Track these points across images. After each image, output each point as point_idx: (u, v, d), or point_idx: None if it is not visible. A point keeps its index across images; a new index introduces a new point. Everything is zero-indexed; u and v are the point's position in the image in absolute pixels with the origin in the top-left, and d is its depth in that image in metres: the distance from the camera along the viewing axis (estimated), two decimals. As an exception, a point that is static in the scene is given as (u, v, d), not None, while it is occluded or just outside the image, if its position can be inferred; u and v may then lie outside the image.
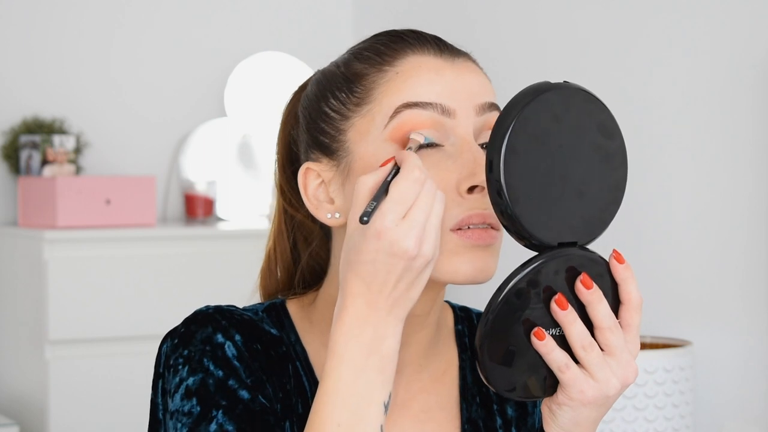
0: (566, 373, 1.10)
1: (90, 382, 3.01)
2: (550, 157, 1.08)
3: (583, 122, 1.10)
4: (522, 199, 1.07)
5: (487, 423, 1.28)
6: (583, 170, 1.10)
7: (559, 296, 1.09)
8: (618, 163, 1.12)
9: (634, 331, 1.12)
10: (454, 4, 3.39)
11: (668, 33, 2.75)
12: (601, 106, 1.11)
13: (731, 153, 2.61)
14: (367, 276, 1.08)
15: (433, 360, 1.28)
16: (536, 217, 1.08)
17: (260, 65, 3.52)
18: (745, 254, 2.59)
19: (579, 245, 1.11)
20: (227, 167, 3.50)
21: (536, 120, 1.07)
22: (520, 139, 1.07)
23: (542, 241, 1.09)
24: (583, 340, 1.09)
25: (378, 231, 1.06)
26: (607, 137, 1.12)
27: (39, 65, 3.38)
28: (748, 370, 2.58)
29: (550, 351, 1.09)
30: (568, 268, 1.10)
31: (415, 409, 1.26)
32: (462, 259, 1.15)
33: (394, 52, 1.20)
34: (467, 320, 1.33)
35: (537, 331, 1.10)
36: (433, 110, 1.16)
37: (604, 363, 1.10)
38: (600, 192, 1.11)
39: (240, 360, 1.18)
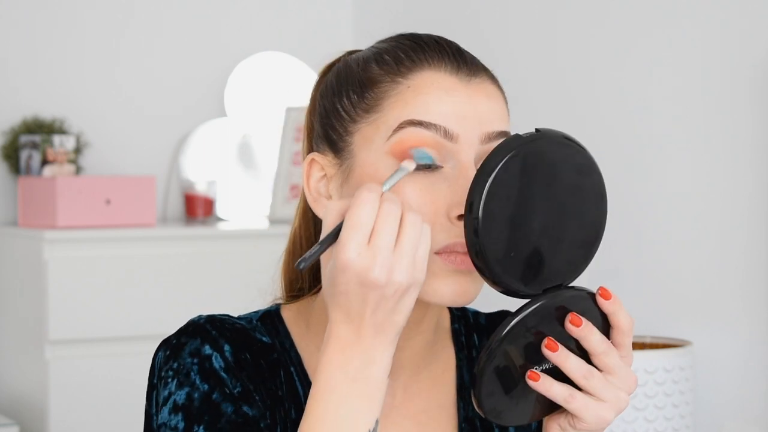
0: (573, 402, 1.13)
1: (90, 382, 3.01)
2: (527, 211, 1.10)
3: (558, 168, 1.12)
4: (502, 257, 1.09)
5: (484, 422, 1.29)
6: (561, 214, 1.12)
7: (548, 341, 1.13)
8: (596, 198, 1.15)
9: (627, 348, 1.16)
10: (454, 5, 3.39)
11: (667, 33, 2.75)
12: (575, 147, 1.13)
13: (731, 153, 2.61)
14: (344, 306, 1.08)
15: (431, 362, 1.28)
16: (518, 271, 1.11)
17: (260, 65, 3.52)
18: (745, 254, 2.58)
19: (564, 286, 1.15)
20: (227, 167, 3.50)
21: (508, 181, 1.09)
22: (494, 202, 1.08)
23: (527, 292, 1.12)
24: (582, 371, 1.13)
25: (342, 264, 1.06)
26: (584, 175, 1.14)
27: (39, 65, 3.38)
28: (748, 370, 2.58)
29: (549, 387, 1.13)
30: (557, 308, 1.13)
31: (414, 410, 1.26)
32: (444, 282, 1.16)
33: (411, 63, 1.20)
34: (463, 319, 1.34)
35: (531, 374, 1.13)
36: (436, 132, 1.16)
37: (607, 384, 1.14)
38: (580, 231, 1.14)
39: (227, 371, 1.18)
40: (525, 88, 3.14)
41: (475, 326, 1.34)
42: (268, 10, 3.66)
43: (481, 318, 1.35)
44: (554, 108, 3.05)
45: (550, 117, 3.04)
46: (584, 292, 1.15)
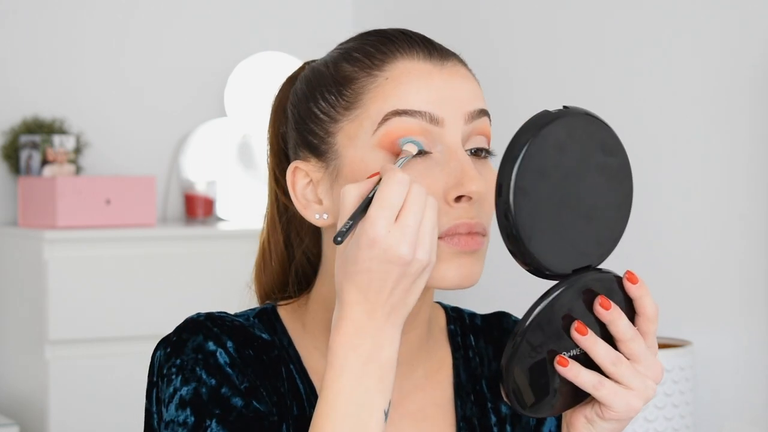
0: (602, 390, 1.12)
1: (90, 382, 3.01)
2: (558, 187, 1.09)
3: (586, 145, 1.11)
4: (535, 236, 1.08)
5: (481, 421, 1.29)
6: (590, 194, 1.12)
7: (578, 324, 1.11)
8: (622, 178, 1.14)
9: (652, 336, 1.15)
10: (455, 4, 3.39)
11: (667, 33, 2.75)
12: (601, 125, 1.12)
13: (731, 153, 2.61)
14: (363, 285, 1.08)
15: (426, 359, 1.28)
16: (550, 250, 1.10)
17: (260, 65, 3.52)
18: (744, 254, 2.59)
19: (593, 268, 1.13)
20: (227, 167, 3.50)
21: (540, 155, 1.08)
22: (526, 177, 1.07)
23: (557, 272, 1.11)
24: (611, 357, 1.12)
25: (371, 239, 1.07)
26: (610, 155, 1.13)
27: (39, 65, 3.38)
28: (748, 370, 2.58)
29: (577, 374, 1.12)
30: (584, 291, 1.12)
31: (411, 408, 1.26)
32: (448, 265, 1.17)
33: (383, 56, 1.20)
34: (459, 320, 1.34)
35: (560, 359, 1.12)
36: (422, 118, 1.17)
37: (635, 371, 1.13)
38: (608, 211, 1.14)
39: (232, 366, 1.18)
40: (525, 86, 3.14)
41: (470, 327, 1.34)
42: (268, 10, 3.66)
43: (476, 319, 1.35)
44: (552, 106, 3.05)
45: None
46: (611, 275, 1.14)
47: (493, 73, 3.20)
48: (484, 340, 1.33)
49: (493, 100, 3.24)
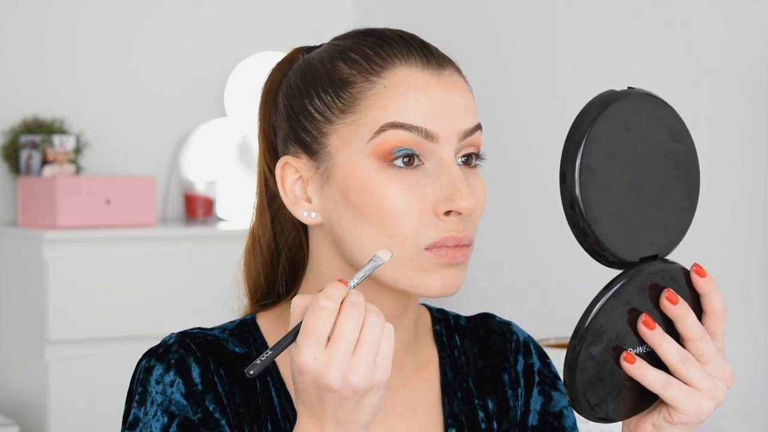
0: (670, 390, 1.08)
1: (90, 382, 3.01)
2: (625, 169, 1.05)
3: (653, 128, 1.06)
4: (601, 218, 1.04)
5: (469, 417, 1.29)
6: (658, 179, 1.07)
7: (646, 317, 1.07)
8: (690, 166, 1.09)
9: (721, 337, 1.11)
10: (455, 4, 3.39)
11: (665, 32, 2.75)
12: (668, 108, 1.08)
13: (731, 153, 2.61)
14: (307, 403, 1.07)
15: (412, 358, 1.29)
16: (616, 235, 1.04)
17: (260, 65, 3.52)
18: (744, 254, 2.59)
19: (660, 258, 1.08)
20: (227, 167, 3.50)
21: (608, 132, 1.04)
22: (593, 154, 1.03)
23: (624, 259, 1.06)
24: (679, 356, 1.08)
25: (299, 367, 1.05)
26: (678, 141, 1.08)
27: (39, 65, 3.38)
28: (748, 370, 2.58)
29: (644, 373, 1.08)
30: (651, 285, 1.07)
31: (399, 407, 1.26)
32: (434, 276, 1.16)
33: (382, 61, 1.19)
34: (444, 321, 1.34)
35: (627, 356, 1.07)
36: (418, 134, 1.16)
37: (704, 373, 1.09)
38: (676, 199, 1.08)
39: (189, 396, 1.19)
40: (525, 85, 3.14)
41: (456, 328, 1.34)
42: (268, 10, 3.66)
43: (461, 320, 1.35)
44: (553, 106, 3.05)
45: (549, 115, 3.04)
46: (678, 266, 1.08)
47: (493, 72, 3.20)
48: (470, 340, 1.33)
49: (493, 100, 3.26)
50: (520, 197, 3.15)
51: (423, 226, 1.16)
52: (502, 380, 1.32)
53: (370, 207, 1.16)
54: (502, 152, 3.17)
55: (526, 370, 1.34)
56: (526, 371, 1.34)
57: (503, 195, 3.16)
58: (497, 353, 1.33)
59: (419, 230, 1.15)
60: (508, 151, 3.15)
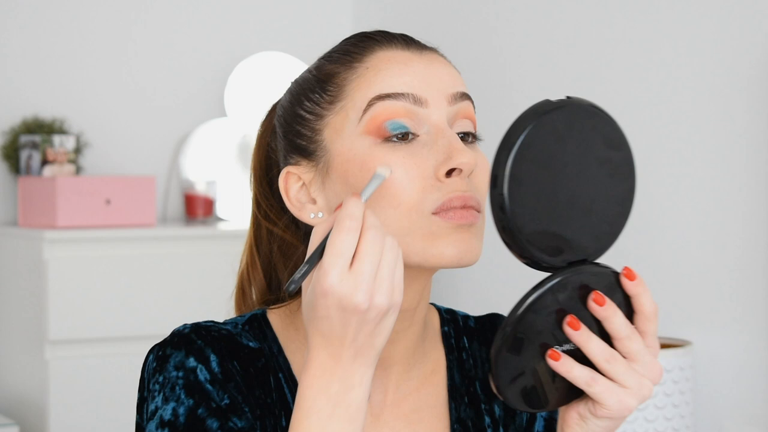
0: (595, 386, 1.10)
1: (90, 382, 3.01)
2: (556, 178, 1.07)
3: (587, 137, 1.09)
4: (529, 226, 1.06)
5: (475, 422, 1.29)
6: (590, 186, 1.09)
7: (571, 318, 1.09)
8: (626, 173, 1.12)
9: (652, 336, 1.13)
10: (455, 4, 3.39)
11: (664, 32, 2.75)
12: (605, 117, 1.10)
13: (731, 153, 2.61)
14: (325, 330, 1.07)
15: (421, 360, 1.28)
16: (543, 241, 1.07)
17: (260, 65, 3.52)
18: (744, 254, 2.59)
19: (589, 262, 1.11)
20: (227, 167, 3.50)
21: (539, 144, 1.06)
22: (522, 165, 1.05)
23: (552, 264, 1.09)
24: (604, 354, 1.10)
25: (324, 290, 1.05)
26: (614, 149, 1.11)
27: (39, 65, 3.38)
28: (748, 370, 2.58)
29: (570, 369, 1.10)
30: (580, 286, 1.09)
31: (406, 410, 1.26)
32: (446, 241, 1.16)
33: (362, 50, 1.21)
34: (453, 322, 1.34)
35: (552, 353, 1.10)
36: (406, 100, 1.17)
37: (630, 370, 1.11)
38: (608, 205, 1.11)
39: (213, 383, 1.18)
40: (525, 85, 3.14)
41: (464, 329, 1.34)
42: (268, 10, 3.66)
43: (470, 321, 1.35)
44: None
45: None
46: (609, 270, 1.11)
47: (493, 72, 3.20)
48: (478, 342, 1.33)
49: (492, 99, 3.25)
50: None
51: (426, 191, 1.16)
52: None
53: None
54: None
55: None
56: None
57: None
58: None
59: (423, 196, 1.16)
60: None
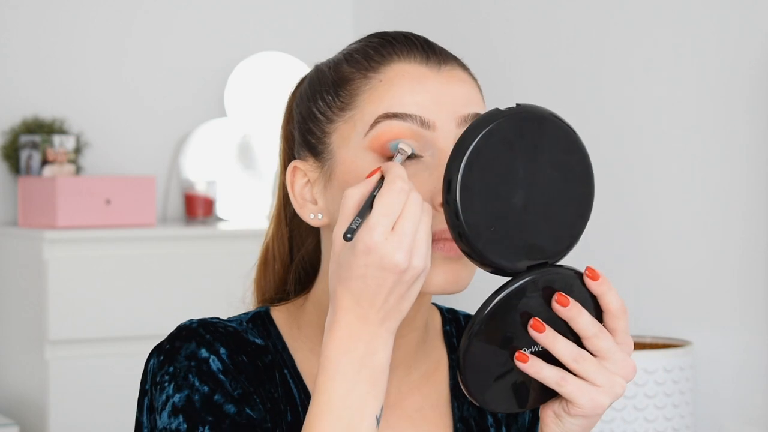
0: (566, 386, 1.11)
1: (90, 382, 3.01)
2: (509, 185, 1.08)
3: (539, 143, 1.09)
4: (483, 234, 1.07)
5: (478, 421, 1.29)
6: (544, 191, 1.10)
7: (534, 321, 1.10)
8: (582, 175, 1.12)
9: (622, 333, 1.13)
10: (455, 4, 3.39)
11: (664, 32, 2.75)
12: (557, 122, 1.11)
13: (731, 153, 2.61)
14: (357, 291, 1.08)
15: (423, 360, 1.28)
16: (501, 247, 1.08)
17: (260, 65, 3.52)
18: (744, 254, 2.59)
19: (549, 264, 1.11)
20: (227, 167, 3.50)
21: (488, 152, 1.07)
22: (473, 174, 1.06)
23: (511, 269, 1.10)
24: (572, 354, 1.10)
25: (368, 246, 1.06)
26: (568, 153, 1.11)
27: (39, 65, 3.38)
28: (748, 370, 2.58)
29: (539, 370, 1.10)
30: (543, 288, 1.10)
31: (408, 409, 1.26)
32: (435, 270, 1.16)
33: (381, 58, 1.20)
34: (455, 321, 1.34)
35: (519, 355, 1.10)
36: (413, 122, 1.16)
37: (601, 368, 1.11)
38: (565, 208, 1.11)
39: (225, 373, 1.18)
40: (525, 85, 3.14)
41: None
42: (268, 10, 3.66)
43: None
44: (553, 105, 3.05)
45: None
46: (571, 272, 1.12)
47: (493, 73, 3.20)
48: None
49: (492, 100, 3.24)
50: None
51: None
52: None
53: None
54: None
55: None
56: None
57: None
58: None
59: None
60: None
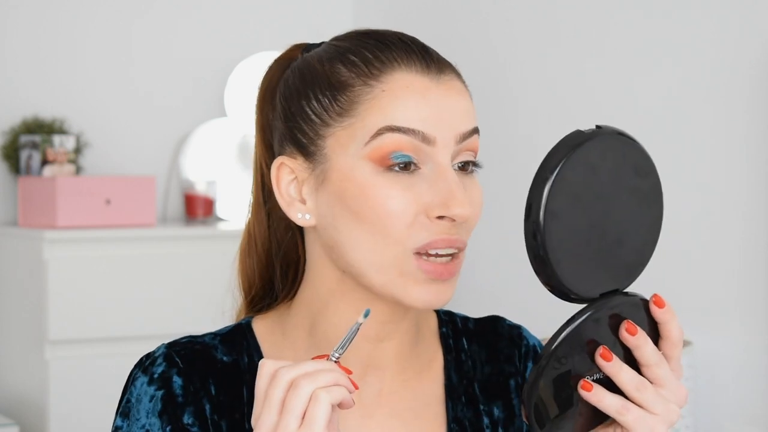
0: (627, 415, 1.11)
1: (90, 382, 3.01)
2: (588, 209, 1.08)
3: (618, 168, 1.09)
4: (564, 260, 1.07)
5: (473, 422, 1.29)
6: (621, 216, 1.10)
7: (603, 350, 1.11)
8: (653, 201, 1.12)
9: (676, 361, 1.15)
10: (454, 5, 3.39)
11: (664, 32, 2.75)
12: (634, 145, 1.11)
13: (730, 153, 2.61)
14: None
15: (415, 360, 1.28)
16: (578, 275, 1.08)
17: (260, 65, 3.52)
18: (744, 254, 2.59)
19: (620, 291, 1.12)
20: (227, 167, 3.50)
21: (573, 176, 1.06)
22: (558, 199, 1.06)
23: (584, 296, 1.10)
24: (635, 383, 1.11)
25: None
26: (642, 176, 1.11)
27: (39, 65, 3.38)
28: (748, 370, 2.58)
29: (601, 399, 1.11)
30: (611, 315, 1.11)
31: (400, 409, 1.26)
32: (419, 289, 1.16)
33: (381, 65, 1.19)
34: (451, 323, 1.33)
35: (584, 384, 1.11)
36: (415, 137, 1.16)
37: (659, 396, 1.12)
38: (638, 234, 1.12)
39: (162, 414, 1.21)
40: (524, 85, 3.14)
41: (463, 331, 1.33)
42: (268, 10, 3.66)
43: (469, 323, 1.35)
44: (553, 106, 3.05)
45: (549, 115, 3.04)
46: (637, 298, 1.13)
47: (492, 73, 3.20)
48: (477, 344, 1.33)
49: (492, 100, 3.25)
50: (519, 197, 3.15)
51: (415, 228, 1.15)
52: (508, 386, 1.32)
53: (366, 210, 1.16)
54: (505, 153, 3.17)
55: None
56: None
57: (503, 196, 3.16)
58: (505, 358, 1.33)
59: (411, 232, 1.15)
60: (507, 151, 3.15)
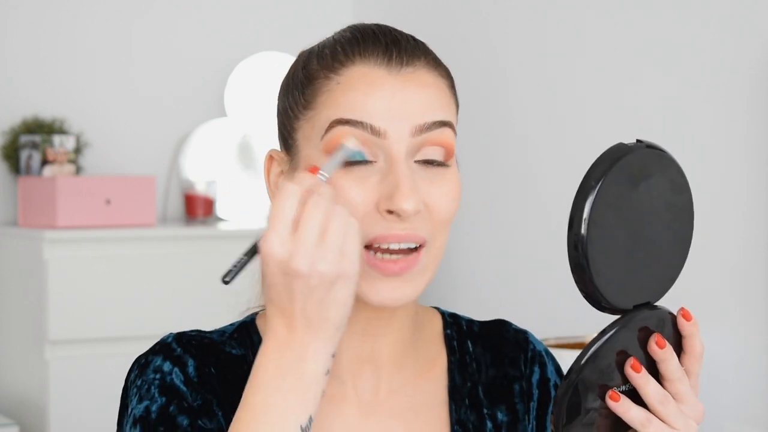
0: (649, 427, 1.13)
1: (90, 382, 3.01)
2: (628, 222, 1.10)
3: (657, 182, 1.11)
4: (602, 270, 1.09)
5: (477, 425, 1.28)
6: (656, 231, 1.12)
7: (634, 361, 1.12)
8: (686, 217, 1.15)
9: (696, 376, 1.16)
10: (453, 5, 3.39)
11: (664, 32, 2.75)
12: (671, 161, 1.12)
13: (729, 153, 2.61)
14: (275, 299, 1.08)
15: (414, 359, 1.27)
16: (614, 285, 1.10)
17: (260, 65, 3.52)
18: (744, 254, 2.59)
19: (651, 304, 1.14)
20: (227, 167, 3.50)
21: (615, 188, 1.08)
22: (600, 210, 1.08)
23: (618, 306, 1.12)
24: (659, 396, 1.13)
25: (265, 255, 1.06)
26: (678, 193, 1.13)
27: (39, 65, 3.38)
28: (747, 370, 2.58)
29: (627, 410, 1.12)
30: (641, 328, 1.13)
31: (401, 409, 1.25)
32: (374, 286, 1.16)
33: (345, 58, 1.19)
34: (456, 326, 1.33)
35: (612, 394, 1.12)
36: (363, 129, 1.16)
37: (680, 412, 1.14)
38: (670, 249, 1.14)
39: (187, 384, 1.19)
40: (523, 84, 3.14)
41: (468, 333, 1.33)
42: (268, 10, 3.66)
43: (475, 326, 1.34)
44: (553, 106, 3.05)
45: (549, 116, 3.04)
46: (665, 311, 1.15)
47: (491, 72, 3.20)
48: (482, 347, 1.32)
49: (491, 100, 3.25)
50: (519, 198, 3.15)
51: (365, 222, 1.15)
52: (512, 390, 1.31)
53: None
54: (500, 153, 3.17)
55: (541, 381, 1.33)
56: (541, 383, 1.33)
57: (502, 196, 3.16)
58: (510, 362, 1.32)
59: (362, 226, 1.14)
60: (506, 152, 3.15)
